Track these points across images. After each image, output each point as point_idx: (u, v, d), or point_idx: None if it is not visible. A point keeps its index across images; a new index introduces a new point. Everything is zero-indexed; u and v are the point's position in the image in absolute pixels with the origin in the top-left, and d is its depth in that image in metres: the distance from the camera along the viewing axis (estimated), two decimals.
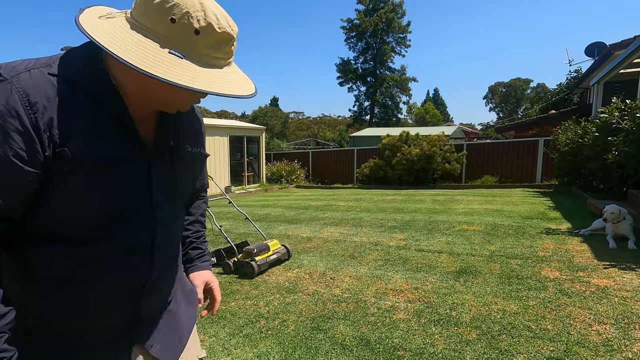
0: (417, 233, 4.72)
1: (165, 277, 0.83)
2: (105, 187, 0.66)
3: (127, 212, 0.70)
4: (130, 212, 0.71)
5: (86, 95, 0.65)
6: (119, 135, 0.68)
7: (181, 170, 0.82)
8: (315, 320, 2.50)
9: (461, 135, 23.86)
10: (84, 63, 0.66)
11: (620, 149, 4.43)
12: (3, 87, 0.58)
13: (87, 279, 0.69)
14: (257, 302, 2.89)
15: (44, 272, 0.68)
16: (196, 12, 0.61)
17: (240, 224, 6.18)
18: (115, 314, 0.75)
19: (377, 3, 38.59)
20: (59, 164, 0.61)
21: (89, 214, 0.66)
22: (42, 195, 0.63)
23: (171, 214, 0.80)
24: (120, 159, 0.67)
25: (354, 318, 2.49)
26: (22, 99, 0.58)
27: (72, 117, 0.62)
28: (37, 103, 0.59)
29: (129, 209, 0.71)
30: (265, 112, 54.15)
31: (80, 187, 0.64)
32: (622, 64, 6.74)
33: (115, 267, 0.71)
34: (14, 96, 0.57)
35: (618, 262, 3.17)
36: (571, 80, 19.38)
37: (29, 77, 0.60)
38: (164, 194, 0.77)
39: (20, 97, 0.58)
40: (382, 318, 2.46)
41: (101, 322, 0.74)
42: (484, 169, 11.88)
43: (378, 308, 2.61)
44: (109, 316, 0.75)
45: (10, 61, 0.62)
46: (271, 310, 2.72)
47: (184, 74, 0.60)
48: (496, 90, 58.96)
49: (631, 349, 1.89)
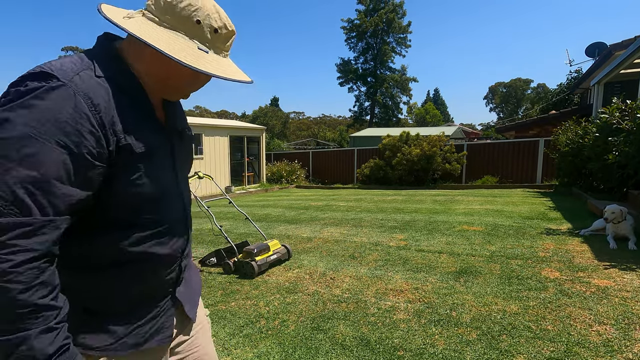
0: (418, 233, 4.72)
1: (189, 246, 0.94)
2: (153, 171, 0.75)
3: (166, 191, 0.80)
4: (168, 190, 0.81)
5: (122, 92, 0.72)
6: (150, 124, 0.78)
7: (188, 151, 0.95)
8: (316, 321, 2.50)
9: (461, 136, 23.85)
10: (110, 61, 0.73)
11: (621, 150, 4.42)
12: (65, 92, 0.62)
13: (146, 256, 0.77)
14: (257, 302, 2.89)
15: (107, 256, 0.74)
16: (214, 15, 0.74)
17: (241, 224, 6.18)
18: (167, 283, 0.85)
19: (378, 3, 38.59)
20: (122, 157, 0.69)
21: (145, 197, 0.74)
22: (107, 186, 0.69)
23: (186, 187, 0.92)
24: (157, 145, 0.77)
25: (354, 318, 2.49)
26: (86, 101, 0.64)
27: (124, 113, 0.70)
28: (99, 104, 0.66)
29: (167, 188, 0.81)
30: (266, 112, 54.17)
31: (135, 175, 0.72)
32: (623, 64, 6.74)
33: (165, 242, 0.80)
34: (79, 99, 0.63)
35: (618, 262, 3.17)
36: (572, 81, 19.38)
37: (82, 80, 0.66)
38: (183, 172, 0.89)
39: (85, 99, 0.64)
40: (382, 318, 2.46)
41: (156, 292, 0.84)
42: (485, 169, 11.88)
43: (378, 308, 2.61)
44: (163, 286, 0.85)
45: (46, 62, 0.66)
46: (271, 310, 2.72)
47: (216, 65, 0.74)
48: (496, 90, 58.94)
49: (631, 350, 1.89)
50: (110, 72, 0.71)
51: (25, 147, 0.58)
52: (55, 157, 0.60)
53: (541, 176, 10.87)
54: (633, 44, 6.17)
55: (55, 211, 0.60)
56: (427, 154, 11.55)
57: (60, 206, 0.61)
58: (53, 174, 0.60)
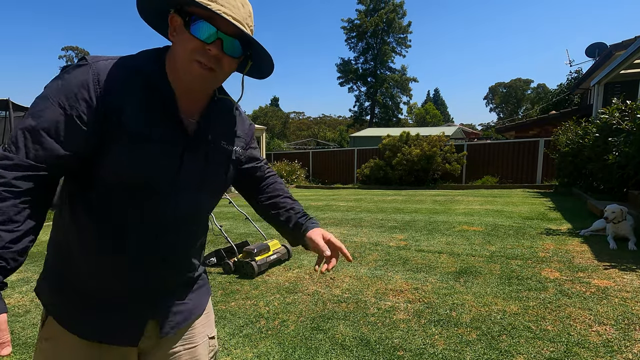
0: (418, 233, 4.72)
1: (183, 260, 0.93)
2: (141, 157, 0.78)
3: (155, 187, 0.81)
4: (157, 187, 0.81)
5: (145, 82, 0.80)
6: (163, 119, 0.81)
7: (214, 164, 0.90)
8: (315, 321, 2.50)
9: (461, 136, 23.85)
10: (151, 58, 0.83)
11: (621, 150, 4.42)
12: (84, 69, 0.76)
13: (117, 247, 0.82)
14: (257, 302, 2.89)
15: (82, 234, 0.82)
16: None
17: (241, 224, 6.19)
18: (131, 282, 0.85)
19: (378, 3, 38.60)
20: (109, 128, 0.76)
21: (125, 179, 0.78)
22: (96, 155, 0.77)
23: (196, 200, 0.89)
24: (158, 137, 0.80)
25: (354, 318, 2.49)
26: (94, 77, 0.75)
27: (129, 96, 0.78)
28: (104, 81, 0.76)
29: (158, 184, 0.81)
30: (266, 112, 54.17)
31: (121, 152, 0.77)
32: (623, 64, 6.74)
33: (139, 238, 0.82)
34: (89, 74, 0.75)
35: (618, 262, 3.17)
36: (572, 81, 19.37)
37: (106, 65, 0.77)
38: (191, 181, 0.86)
39: (94, 75, 0.75)
40: (382, 318, 2.46)
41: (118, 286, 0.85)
42: (485, 169, 11.89)
43: (378, 308, 2.61)
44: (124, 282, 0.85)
45: None
46: (271, 310, 2.72)
47: None
48: (497, 90, 58.92)
49: (631, 350, 1.89)
50: (147, 68, 0.81)
51: (39, 104, 0.74)
52: (52, 113, 0.73)
53: (541, 176, 10.88)
54: (633, 44, 6.17)
55: (35, 158, 0.71)
56: (427, 154, 11.55)
57: (42, 156, 0.72)
58: (45, 126, 0.72)
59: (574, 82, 17.75)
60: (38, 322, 2.86)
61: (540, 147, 10.88)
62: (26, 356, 2.35)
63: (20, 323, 2.87)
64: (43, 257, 2.94)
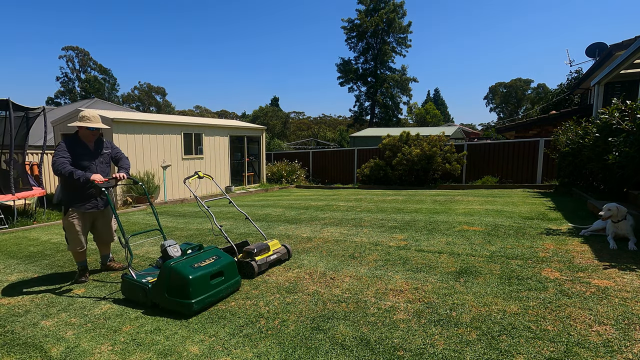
0: (418, 233, 4.72)
1: None
2: (80, 160, 3.68)
3: (86, 168, 3.70)
4: (85, 166, 3.69)
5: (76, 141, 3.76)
6: (82, 149, 3.73)
7: (104, 159, 3.89)
8: (315, 320, 2.50)
9: (462, 136, 23.84)
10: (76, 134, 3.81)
11: (621, 150, 4.42)
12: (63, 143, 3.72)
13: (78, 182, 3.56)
14: (257, 302, 2.89)
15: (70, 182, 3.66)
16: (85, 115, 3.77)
17: (241, 224, 6.19)
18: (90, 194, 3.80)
19: (378, 3, 38.61)
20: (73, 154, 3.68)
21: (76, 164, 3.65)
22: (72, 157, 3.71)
23: (102, 170, 3.84)
24: (85, 154, 3.73)
25: (354, 318, 2.49)
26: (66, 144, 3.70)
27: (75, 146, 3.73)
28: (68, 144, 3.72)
29: (87, 167, 3.71)
30: (266, 112, 54.14)
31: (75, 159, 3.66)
32: (623, 64, 6.73)
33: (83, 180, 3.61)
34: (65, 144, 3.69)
35: (618, 262, 3.17)
36: (572, 81, 19.38)
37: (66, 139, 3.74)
38: (99, 165, 3.81)
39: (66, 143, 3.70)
40: (382, 318, 2.46)
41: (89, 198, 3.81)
42: (485, 169, 11.88)
43: (378, 308, 2.61)
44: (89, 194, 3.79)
45: None
46: (271, 310, 2.72)
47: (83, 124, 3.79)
48: (497, 90, 58.92)
49: (631, 350, 1.89)
50: (75, 136, 3.75)
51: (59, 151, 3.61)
52: (63, 152, 3.60)
53: (541, 176, 10.87)
54: (633, 44, 6.16)
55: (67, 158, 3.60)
56: (427, 154, 11.54)
57: (67, 157, 3.58)
58: (64, 153, 3.58)
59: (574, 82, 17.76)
60: (38, 322, 2.86)
61: (541, 147, 10.87)
62: (26, 356, 2.35)
63: (20, 323, 2.87)
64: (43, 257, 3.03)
